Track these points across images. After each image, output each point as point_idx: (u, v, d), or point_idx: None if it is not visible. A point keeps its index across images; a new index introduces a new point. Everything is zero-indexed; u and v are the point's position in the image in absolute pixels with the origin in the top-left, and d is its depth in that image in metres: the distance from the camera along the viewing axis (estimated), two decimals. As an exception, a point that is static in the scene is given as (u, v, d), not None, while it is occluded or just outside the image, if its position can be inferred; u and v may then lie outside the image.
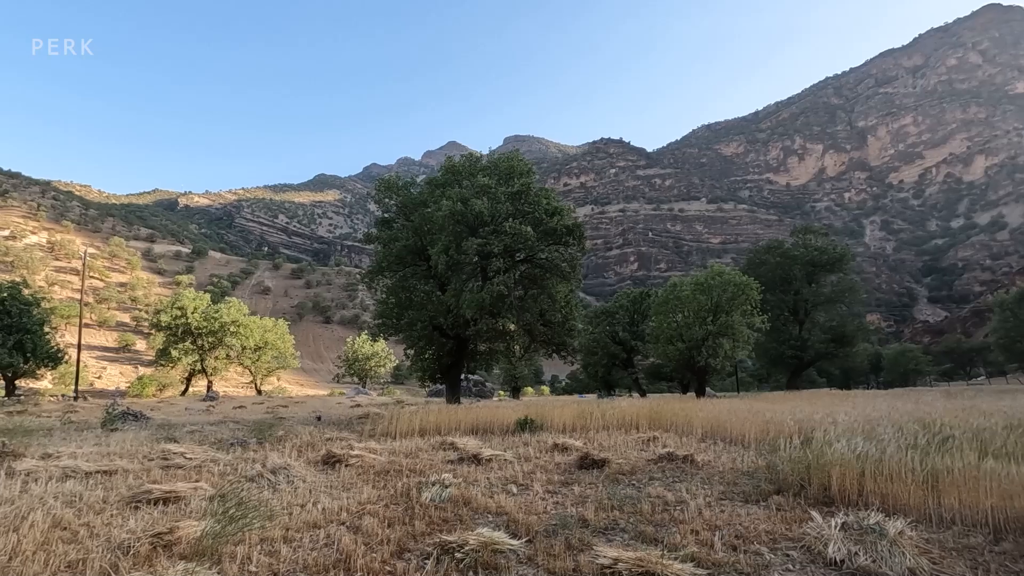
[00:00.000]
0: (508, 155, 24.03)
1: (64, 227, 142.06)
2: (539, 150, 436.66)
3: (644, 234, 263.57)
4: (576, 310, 23.75)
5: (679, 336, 29.88)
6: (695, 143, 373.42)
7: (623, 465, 8.13)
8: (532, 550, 4.44)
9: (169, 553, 4.27)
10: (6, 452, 9.04)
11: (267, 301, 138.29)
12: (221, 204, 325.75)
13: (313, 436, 11.87)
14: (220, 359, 54.53)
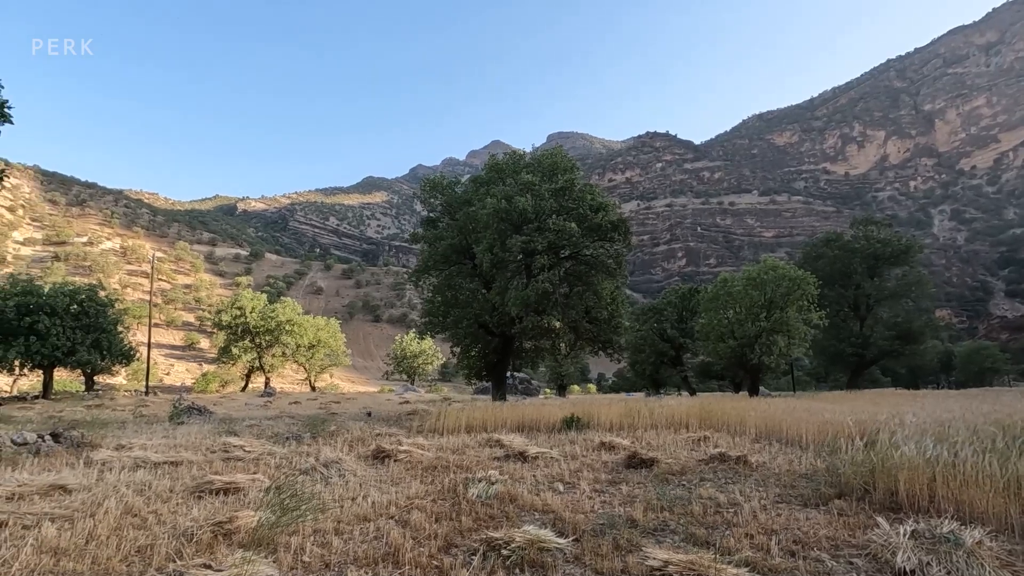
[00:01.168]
0: (551, 151, 23.89)
1: (135, 233, 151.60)
2: (583, 146, 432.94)
3: (692, 229, 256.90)
4: (622, 307, 23.38)
5: (730, 333, 28.94)
6: (746, 134, 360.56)
7: (672, 465, 7.94)
8: (579, 549, 4.38)
9: (229, 541, 4.46)
10: (85, 443, 9.71)
11: (320, 301, 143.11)
12: (276, 208, 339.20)
13: (363, 431, 12.17)
14: (276, 357, 56.80)
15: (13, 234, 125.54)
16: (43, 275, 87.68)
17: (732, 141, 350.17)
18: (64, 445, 9.39)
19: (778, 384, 57.73)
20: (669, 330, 43.18)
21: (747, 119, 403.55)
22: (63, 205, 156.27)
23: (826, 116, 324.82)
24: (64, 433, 9.93)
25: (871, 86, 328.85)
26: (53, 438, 9.57)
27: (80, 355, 33.21)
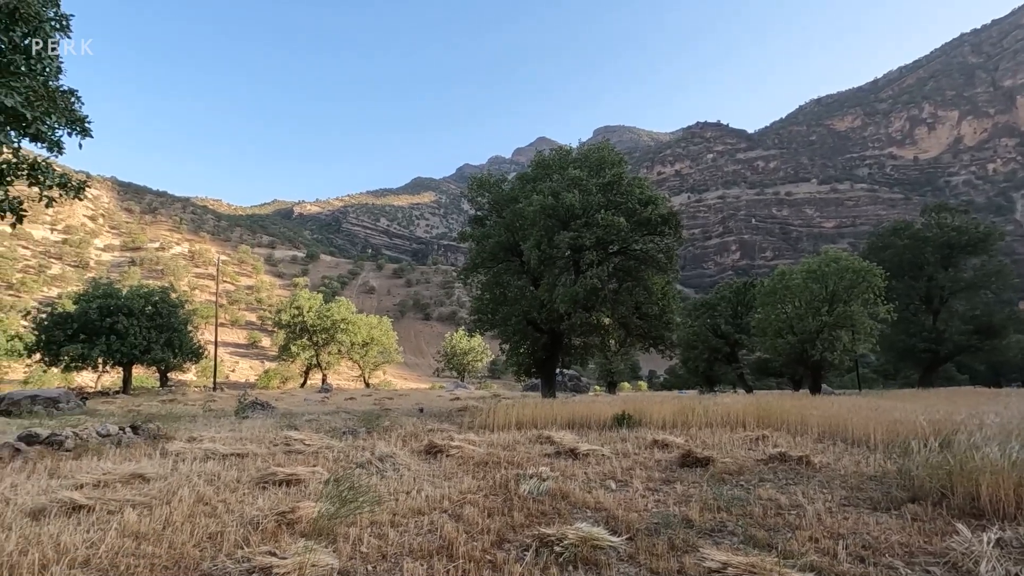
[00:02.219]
0: (598, 146, 23.58)
1: (201, 238, 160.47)
2: (630, 139, 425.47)
3: (746, 221, 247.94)
4: (674, 302, 22.82)
5: (789, 328, 27.75)
6: (803, 120, 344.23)
7: (729, 464, 7.69)
8: (633, 548, 4.31)
9: (291, 530, 4.65)
10: (160, 435, 10.36)
11: (372, 300, 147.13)
12: (330, 211, 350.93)
13: (416, 427, 12.42)
14: (332, 354, 58.84)
15: (95, 241, 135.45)
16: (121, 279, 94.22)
17: (788, 128, 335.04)
18: (142, 437, 10.05)
19: (842, 382, 54.99)
20: (723, 326, 41.88)
21: (804, 104, 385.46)
22: (137, 213, 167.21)
23: (891, 98, 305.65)
24: (142, 426, 10.62)
25: (942, 63, 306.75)
26: (133, 430, 10.26)
27: (155, 353, 35.48)
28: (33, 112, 5.05)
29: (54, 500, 5.42)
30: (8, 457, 8.11)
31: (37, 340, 34.60)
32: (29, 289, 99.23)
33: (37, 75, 5.26)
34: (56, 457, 8.16)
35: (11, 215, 6.42)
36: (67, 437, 8.98)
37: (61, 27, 5.49)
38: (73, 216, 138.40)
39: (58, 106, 5.55)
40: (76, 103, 5.92)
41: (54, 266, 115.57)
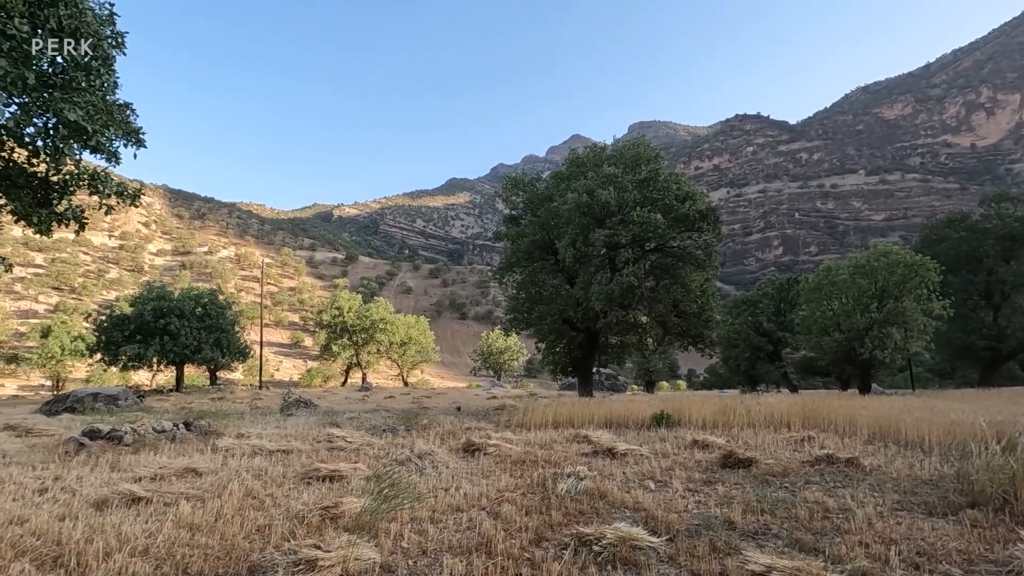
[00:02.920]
0: (634, 142, 23.29)
1: (246, 241, 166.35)
2: (666, 134, 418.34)
3: (789, 215, 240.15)
4: (713, 300, 22.35)
5: (836, 326, 26.76)
6: (848, 109, 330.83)
7: (773, 466, 7.48)
8: (673, 549, 4.25)
9: (335, 525, 4.78)
10: (211, 431, 10.80)
11: (409, 300, 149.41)
12: (367, 213, 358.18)
13: (454, 425, 12.55)
14: (372, 353, 60.06)
15: (148, 246, 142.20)
16: (173, 282, 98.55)
17: (833, 118, 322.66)
18: (194, 433, 10.50)
19: (893, 381, 52.65)
20: (765, 323, 40.72)
21: (850, 93, 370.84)
22: (187, 219, 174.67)
23: (946, 83, 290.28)
24: (194, 422, 11.10)
25: (1002, 44, 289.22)
26: (185, 427, 10.73)
27: (205, 353, 36.98)
28: (93, 125, 5.37)
29: (115, 492, 5.74)
30: (74, 451, 8.61)
31: (98, 341, 36.60)
32: (90, 293, 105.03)
33: (96, 90, 5.59)
34: (116, 451, 8.62)
35: (75, 223, 6.82)
36: (126, 433, 9.47)
37: (117, 44, 5.81)
38: (128, 223, 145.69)
39: (115, 119, 5.89)
40: (131, 116, 6.27)
41: (112, 270, 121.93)
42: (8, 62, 4.49)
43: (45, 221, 6.46)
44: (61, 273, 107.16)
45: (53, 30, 4.90)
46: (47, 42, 4.71)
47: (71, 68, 5.19)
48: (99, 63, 5.50)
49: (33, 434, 11.50)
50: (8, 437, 10.88)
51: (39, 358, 53.18)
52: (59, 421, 14.45)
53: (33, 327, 67.31)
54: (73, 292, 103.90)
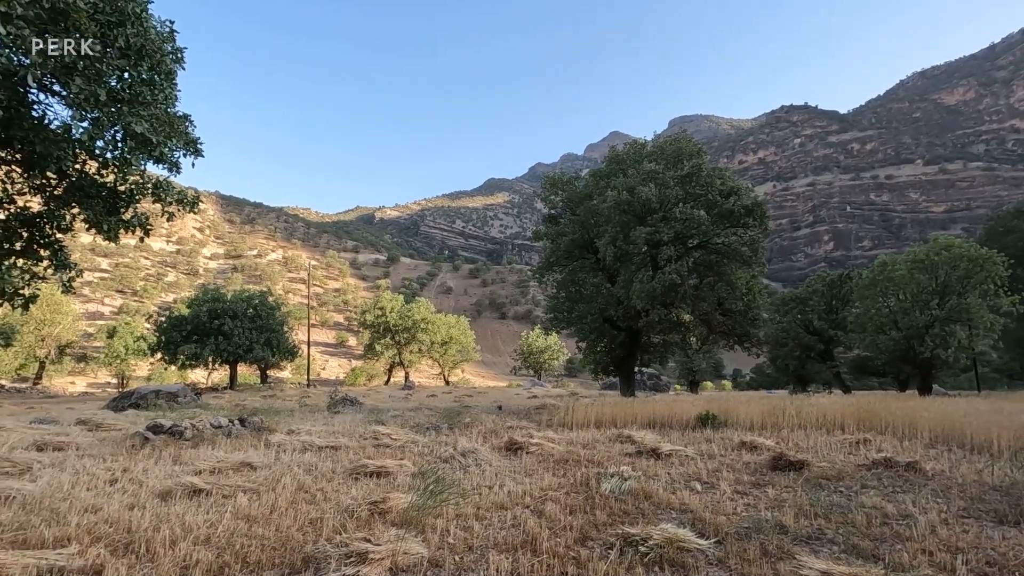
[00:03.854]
0: (675, 137, 22.84)
1: (293, 244, 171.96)
2: (708, 128, 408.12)
3: (840, 209, 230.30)
4: (760, 297, 21.67)
5: (892, 324, 25.54)
6: (904, 96, 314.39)
7: (826, 469, 7.21)
8: (722, 552, 4.16)
9: (383, 519, 4.90)
10: (263, 427, 11.24)
11: (450, 300, 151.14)
12: (408, 215, 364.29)
13: (496, 424, 12.62)
14: (414, 353, 61.12)
15: (203, 251, 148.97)
16: (225, 284, 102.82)
17: (887, 106, 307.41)
18: (248, 429, 10.95)
19: (956, 382, 49.77)
20: (816, 321, 39.20)
21: (906, 79, 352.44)
22: (238, 223, 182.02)
23: (1012, 64, 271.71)
24: (248, 419, 11.57)
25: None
26: (240, 423, 11.20)
27: (256, 352, 38.51)
28: (158, 137, 5.72)
29: (178, 484, 6.05)
30: (139, 444, 9.13)
31: (158, 341, 38.63)
32: (150, 295, 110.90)
33: (159, 103, 5.94)
34: (178, 445, 9.08)
35: (140, 229, 7.25)
36: (186, 428, 9.96)
37: (177, 59, 6.16)
38: (185, 228, 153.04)
39: (177, 130, 6.25)
40: (190, 126, 6.63)
41: (170, 274, 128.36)
42: (83, 80, 4.84)
43: (114, 228, 6.92)
44: (124, 277, 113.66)
45: (121, 48, 5.25)
46: (116, 60, 5.08)
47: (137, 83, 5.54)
48: (162, 78, 5.85)
49: (103, 428, 12.25)
50: (81, 431, 11.62)
51: (105, 357, 56.57)
52: (125, 416, 15.34)
53: (100, 328, 71.68)
54: (135, 295, 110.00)
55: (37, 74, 4.61)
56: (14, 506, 5.37)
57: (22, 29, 4.12)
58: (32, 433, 10.78)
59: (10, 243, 7.02)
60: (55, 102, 5.61)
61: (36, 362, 52.57)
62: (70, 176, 6.52)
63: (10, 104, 5.02)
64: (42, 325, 49.86)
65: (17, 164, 6.37)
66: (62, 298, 50.49)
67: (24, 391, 45.15)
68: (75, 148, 5.75)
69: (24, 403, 28.73)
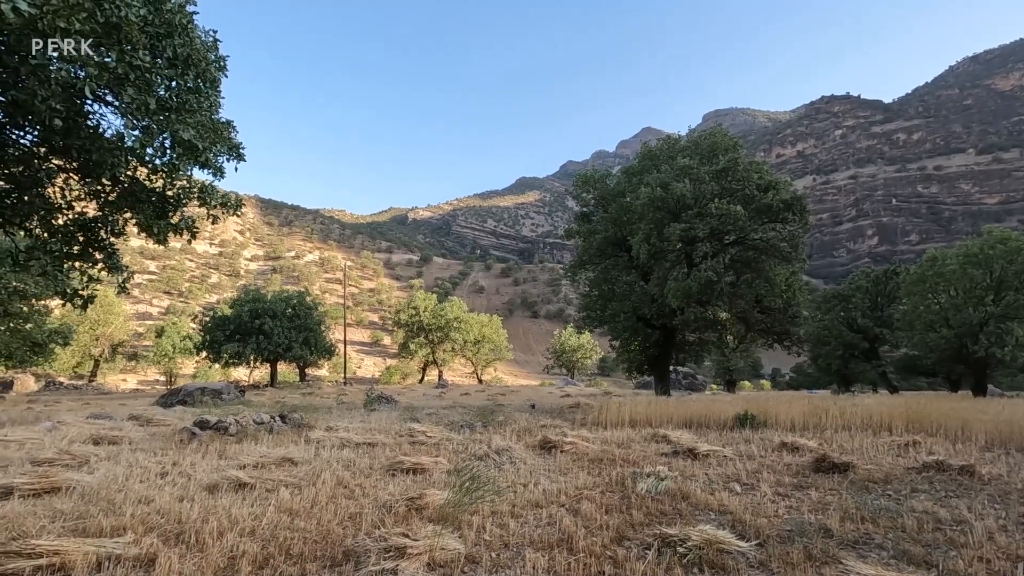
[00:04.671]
0: (709, 131, 22.37)
1: (329, 246, 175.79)
2: (744, 122, 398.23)
3: (885, 201, 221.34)
4: (800, 294, 21.02)
5: (943, 321, 24.43)
6: (954, 82, 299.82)
7: (873, 471, 6.95)
8: (764, 555, 4.07)
9: (420, 515, 4.97)
10: (303, 424, 11.54)
11: (482, 299, 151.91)
12: (440, 215, 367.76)
13: (529, 422, 12.63)
14: (447, 351, 61.71)
15: (244, 252, 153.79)
16: (265, 285, 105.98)
17: (936, 93, 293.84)
18: (289, 425, 11.26)
19: (1014, 382, 47.23)
20: (860, 319, 37.85)
21: (956, 64, 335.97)
22: (276, 226, 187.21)
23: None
24: (288, 416, 11.90)
25: None
26: (281, 419, 11.53)
27: (295, 351, 39.55)
28: (203, 143, 5.97)
29: (224, 477, 6.27)
30: (187, 439, 9.50)
31: (203, 340, 40.08)
32: (195, 296, 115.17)
33: (204, 111, 6.19)
34: (223, 441, 9.41)
35: (187, 232, 7.57)
36: (230, 424, 10.31)
37: (220, 67, 6.40)
38: (227, 231, 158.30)
39: (221, 136, 6.50)
40: (232, 132, 6.88)
41: (213, 275, 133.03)
42: (134, 90, 5.10)
43: (163, 231, 7.25)
44: (171, 279, 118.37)
45: (169, 59, 5.50)
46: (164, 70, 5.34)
47: (184, 92, 5.80)
48: (207, 85, 6.10)
49: (152, 424, 12.80)
50: (134, 426, 12.17)
51: (154, 356, 59.09)
52: (173, 412, 15.99)
53: (149, 328, 74.89)
54: (181, 296, 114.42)
55: (93, 86, 4.89)
56: (74, 496, 5.67)
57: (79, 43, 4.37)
58: (89, 428, 11.36)
59: (69, 247, 7.44)
60: (108, 112, 5.95)
61: (91, 360, 55.28)
62: (122, 182, 6.88)
63: (68, 114, 5.33)
64: (96, 325, 52.40)
65: (74, 172, 6.76)
66: (114, 299, 52.95)
67: (80, 387, 47.61)
68: (127, 155, 6.05)
69: (80, 399, 30.28)
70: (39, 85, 4.68)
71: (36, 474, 6.40)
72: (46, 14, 3.91)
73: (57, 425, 12.12)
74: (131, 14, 4.58)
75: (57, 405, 23.42)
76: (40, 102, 4.74)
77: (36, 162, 6.56)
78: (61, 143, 5.84)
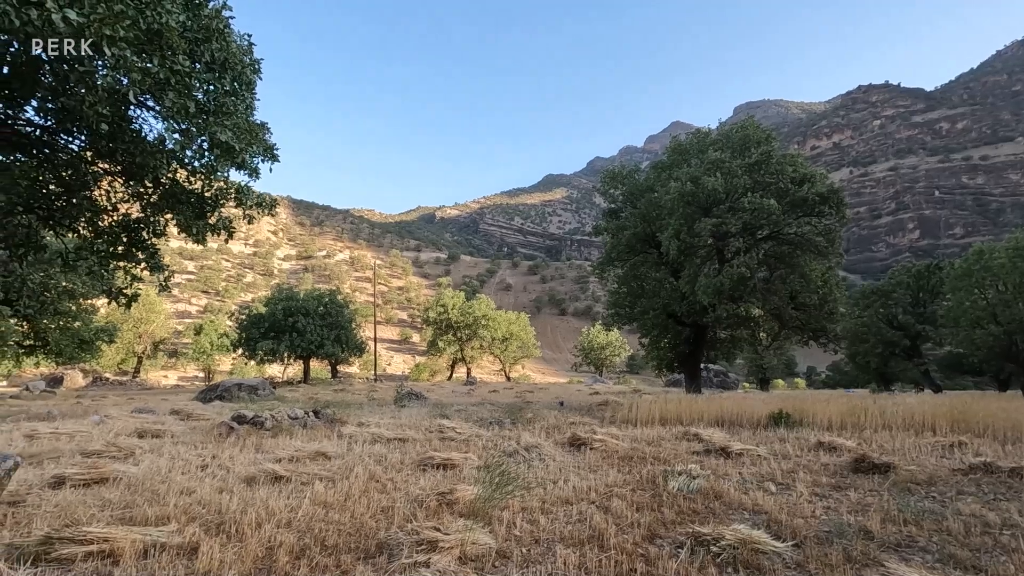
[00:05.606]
0: (741, 124, 21.88)
1: (359, 245, 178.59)
2: (776, 114, 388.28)
3: (928, 193, 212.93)
4: (837, 290, 20.39)
5: (991, 317, 23.41)
6: (1002, 67, 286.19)
7: (915, 473, 6.71)
8: (801, 556, 3.97)
9: (450, 510, 5.01)
10: (335, 419, 11.76)
11: (509, 297, 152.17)
12: (467, 213, 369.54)
13: (558, 419, 12.61)
14: (475, 349, 62.06)
15: (277, 252, 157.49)
16: (298, 284, 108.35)
17: (982, 80, 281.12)
18: (322, 421, 11.50)
19: (1068, 381, 44.93)
20: (901, 316, 36.52)
21: (1004, 49, 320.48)
22: (308, 226, 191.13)
23: None
24: (321, 411, 12.15)
25: None
26: (314, 415, 11.78)
27: (327, 348, 40.34)
28: (240, 144, 6.16)
29: (261, 470, 6.44)
30: (225, 433, 9.79)
31: (239, 337, 41.23)
32: (231, 295, 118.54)
33: (240, 113, 6.38)
34: (259, 435, 9.67)
35: (224, 231, 7.81)
36: (266, 419, 10.58)
37: (254, 71, 6.58)
38: (260, 232, 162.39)
39: (256, 137, 6.69)
40: (267, 134, 7.07)
41: (248, 275, 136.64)
42: (175, 94, 5.29)
43: (202, 231, 7.51)
44: (208, 278, 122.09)
45: (207, 63, 5.69)
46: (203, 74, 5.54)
47: (221, 95, 5.99)
48: (242, 88, 6.28)
49: (193, 418, 13.25)
50: (175, 420, 12.62)
51: (193, 352, 61.08)
52: (212, 407, 16.51)
53: (188, 326, 77.43)
54: (218, 295, 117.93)
55: (137, 90, 5.10)
56: (121, 486, 5.91)
57: (124, 50, 4.56)
58: (133, 421, 11.82)
59: (114, 247, 7.77)
60: (150, 116, 6.20)
61: (135, 357, 57.50)
62: (164, 184, 7.15)
63: (114, 119, 5.57)
64: (139, 323, 54.47)
65: (119, 175, 7.05)
66: (156, 298, 54.94)
67: (125, 383, 49.61)
68: (168, 158, 6.28)
69: (125, 394, 31.54)
70: (87, 91, 4.91)
71: (86, 465, 6.70)
72: (92, 22, 4.09)
73: (104, 419, 12.66)
74: (171, 20, 4.75)
75: (103, 400, 24.47)
76: (88, 107, 4.97)
77: (84, 166, 6.87)
78: (107, 147, 6.11)
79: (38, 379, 44.55)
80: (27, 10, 3.83)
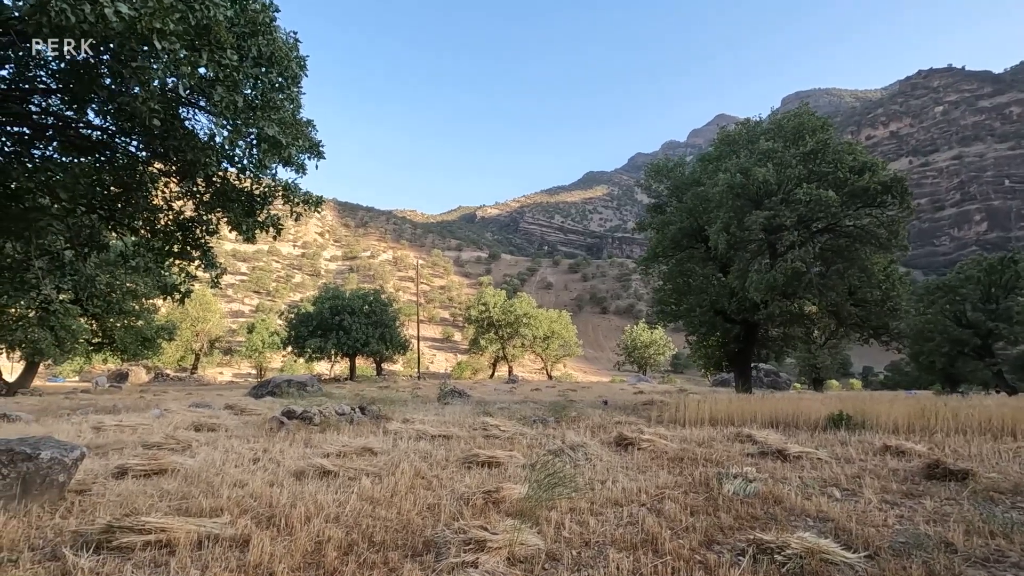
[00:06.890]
0: (795, 112, 20.92)
1: (401, 245, 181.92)
2: (828, 103, 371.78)
3: (996, 183, 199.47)
4: (901, 285, 19.24)
5: (1074, 314, 21.60)
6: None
7: (998, 481, 6.18)
8: (875, 568, 3.67)
9: (497, 509, 4.91)
10: (381, 416, 11.90)
11: (550, 295, 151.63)
12: (507, 212, 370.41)
13: (603, 419, 12.37)
14: (517, 347, 62.10)
15: (323, 253, 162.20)
16: (343, 283, 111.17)
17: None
18: (368, 417, 11.66)
19: None
20: (970, 312, 34.23)
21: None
22: (352, 227, 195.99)
23: None
24: (367, 407, 12.33)
25: None
26: (361, 411, 11.96)
27: (372, 346, 41.18)
28: (287, 139, 6.27)
29: (309, 465, 6.53)
30: (276, 428, 10.04)
31: (288, 335, 42.60)
32: (280, 295, 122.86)
33: (286, 108, 6.48)
34: (308, 430, 9.87)
35: (272, 229, 7.99)
36: (314, 414, 10.80)
37: (300, 67, 6.68)
38: (308, 233, 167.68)
39: (302, 133, 6.79)
40: (312, 130, 7.18)
41: (296, 275, 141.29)
42: (223, 89, 5.41)
43: (251, 228, 7.72)
44: (259, 279, 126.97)
45: (255, 58, 5.80)
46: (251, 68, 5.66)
47: (268, 90, 6.10)
48: (289, 82, 6.39)
49: (245, 413, 13.70)
50: (229, 415, 13.08)
51: (246, 350, 63.57)
52: (263, 402, 17.05)
53: (241, 325, 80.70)
54: (268, 295, 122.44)
55: (187, 84, 5.25)
56: (178, 477, 6.10)
57: (174, 44, 4.67)
58: (190, 415, 12.31)
59: (169, 246, 8.08)
60: (199, 114, 6.38)
61: (192, 354, 60.32)
62: (215, 183, 7.36)
63: (165, 115, 5.75)
64: (196, 322, 57.10)
65: (173, 175, 7.32)
66: (211, 298, 57.52)
67: (183, 379, 52.11)
68: (218, 154, 6.46)
69: (184, 389, 33.09)
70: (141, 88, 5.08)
71: (146, 456, 6.96)
72: (143, 16, 4.20)
73: (164, 412, 13.24)
74: (219, 14, 4.84)
75: (164, 395, 25.71)
76: (140, 103, 5.14)
77: (140, 166, 7.15)
78: (160, 146, 6.32)
79: (105, 375, 47.37)
80: (81, 6, 3.95)
